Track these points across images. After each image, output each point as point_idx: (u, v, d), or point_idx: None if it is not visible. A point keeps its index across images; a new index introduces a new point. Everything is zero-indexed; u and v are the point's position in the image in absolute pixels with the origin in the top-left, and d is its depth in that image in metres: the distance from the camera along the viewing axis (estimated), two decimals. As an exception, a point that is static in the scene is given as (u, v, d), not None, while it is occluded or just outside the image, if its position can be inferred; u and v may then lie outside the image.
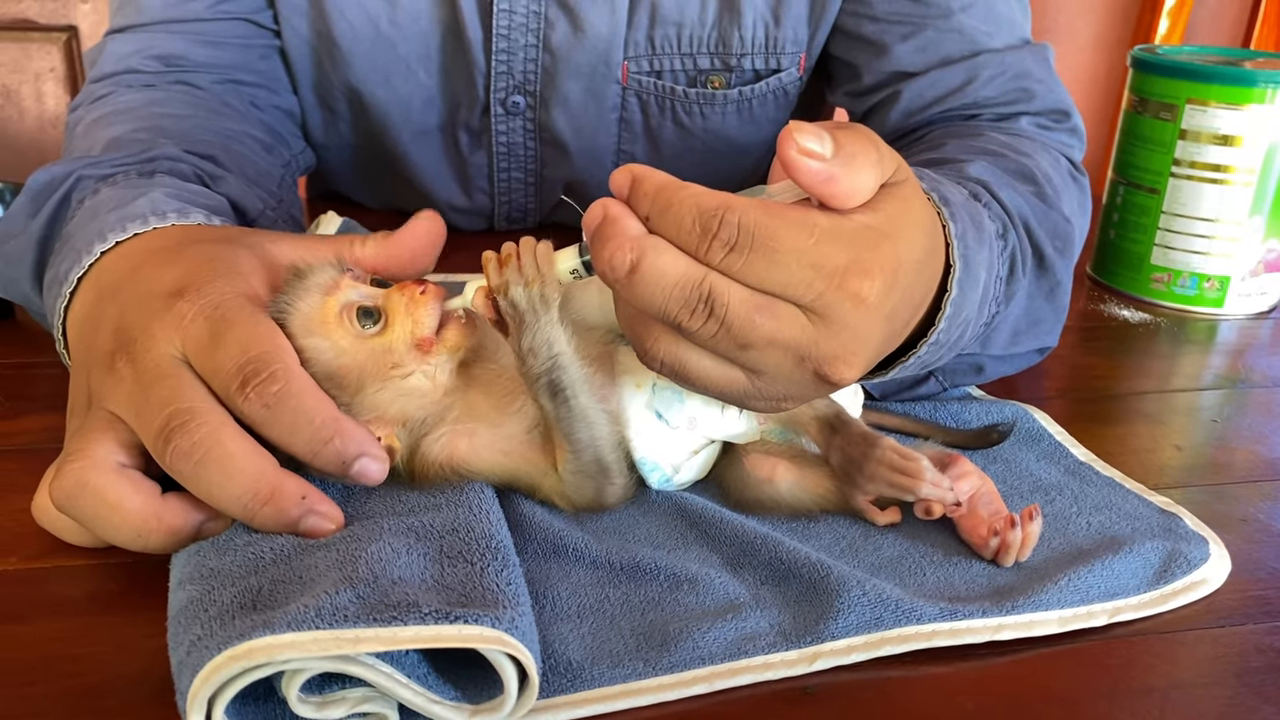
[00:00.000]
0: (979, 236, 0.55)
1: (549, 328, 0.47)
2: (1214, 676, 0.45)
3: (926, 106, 0.80)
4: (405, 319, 0.48)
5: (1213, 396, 0.73)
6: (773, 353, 0.43)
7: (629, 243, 0.42)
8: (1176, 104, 0.86)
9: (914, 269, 0.45)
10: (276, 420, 0.44)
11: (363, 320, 0.48)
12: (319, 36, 0.85)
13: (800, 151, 0.42)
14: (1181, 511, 0.56)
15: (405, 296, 0.48)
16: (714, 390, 0.46)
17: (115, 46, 0.80)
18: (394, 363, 0.48)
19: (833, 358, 0.44)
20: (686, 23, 0.85)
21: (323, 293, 0.48)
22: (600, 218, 0.43)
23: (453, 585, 0.41)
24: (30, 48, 1.67)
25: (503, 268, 0.47)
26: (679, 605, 0.46)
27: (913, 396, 0.65)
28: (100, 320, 0.48)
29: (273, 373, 0.44)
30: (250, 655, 0.36)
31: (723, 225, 0.41)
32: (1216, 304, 0.89)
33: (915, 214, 0.46)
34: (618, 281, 0.42)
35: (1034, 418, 0.64)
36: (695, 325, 0.42)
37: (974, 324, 0.57)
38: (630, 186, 0.43)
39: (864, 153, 0.43)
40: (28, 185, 0.60)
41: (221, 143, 0.69)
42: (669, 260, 0.42)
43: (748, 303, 0.42)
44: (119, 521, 0.44)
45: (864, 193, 0.43)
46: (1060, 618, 0.47)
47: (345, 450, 0.45)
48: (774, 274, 0.42)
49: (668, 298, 0.42)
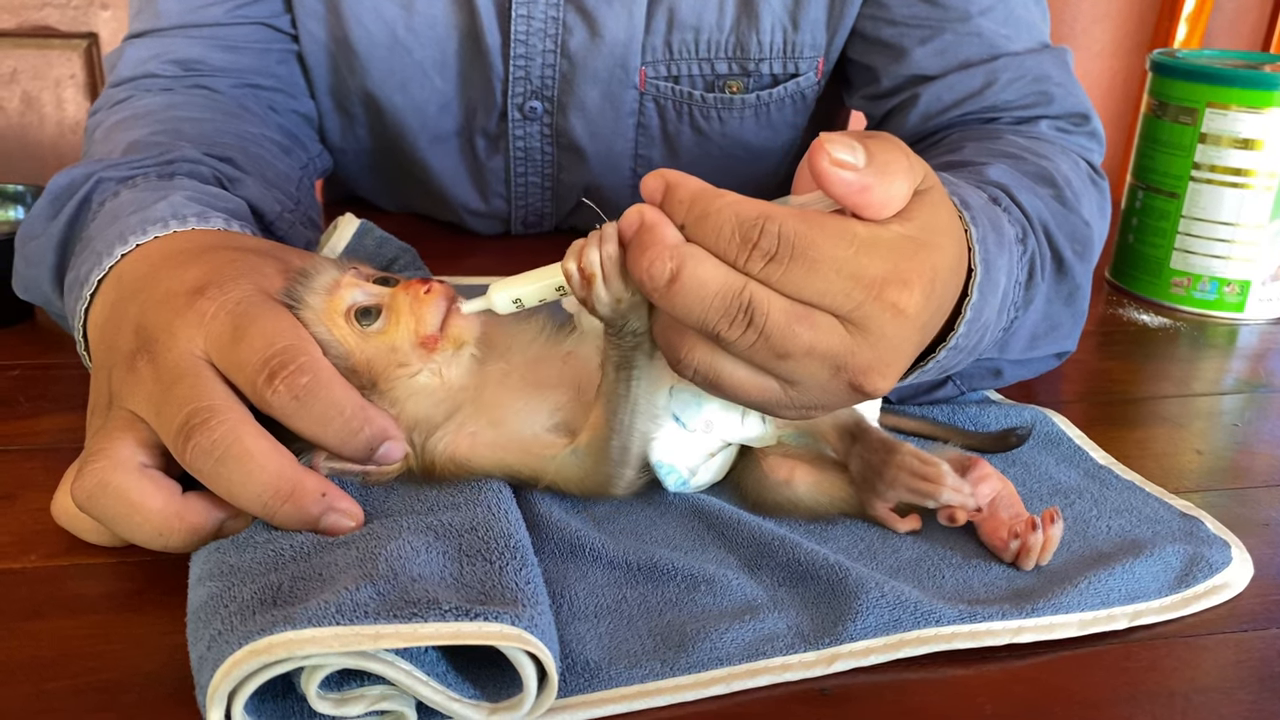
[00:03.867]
0: (999, 241, 0.55)
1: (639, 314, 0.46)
2: (1237, 681, 0.45)
3: (945, 110, 0.80)
4: (409, 317, 0.48)
5: (1233, 401, 0.72)
6: (809, 363, 0.43)
7: (668, 251, 0.41)
8: (1197, 108, 0.86)
9: (947, 278, 0.45)
10: (307, 412, 0.44)
11: (362, 319, 0.48)
12: (336, 42, 0.85)
13: (833, 163, 0.41)
14: (1203, 515, 0.55)
15: (409, 295, 0.49)
16: (746, 399, 0.45)
17: (134, 51, 0.80)
18: (400, 361, 0.48)
19: (868, 368, 0.43)
20: (704, 28, 0.85)
21: (327, 292, 0.48)
22: (637, 224, 0.42)
23: (472, 583, 0.41)
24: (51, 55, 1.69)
25: (588, 284, 0.45)
26: (696, 606, 0.46)
27: (930, 400, 0.65)
28: (121, 321, 0.48)
29: (300, 364, 0.44)
30: (271, 650, 0.36)
31: (763, 235, 0.41)
32: (1237, 309, 0.88)
33: (945, 220, 0.46)
34: (656, 291, 0.42)
35: (1053, 421, 0.64)
36: (734, 335, 0.42)
37: (993, 328, 0.57)
38: (664, 192, 0.43)
39: (896, 161, 0.43)
40: (48, 188, 0.60)
41: (239, 145, 0.69)
42: (709, 270, 0.41)
43: (787, 312, 0.42)
44: (140, 520, 0.44)
45: (898, 202, 0.43)
46: (1080, 621, 0.47)
47: (373, 438, 0.45)
48: (813, 284, 0.41)
49: (708, 308, 0.41)
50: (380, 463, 0.46)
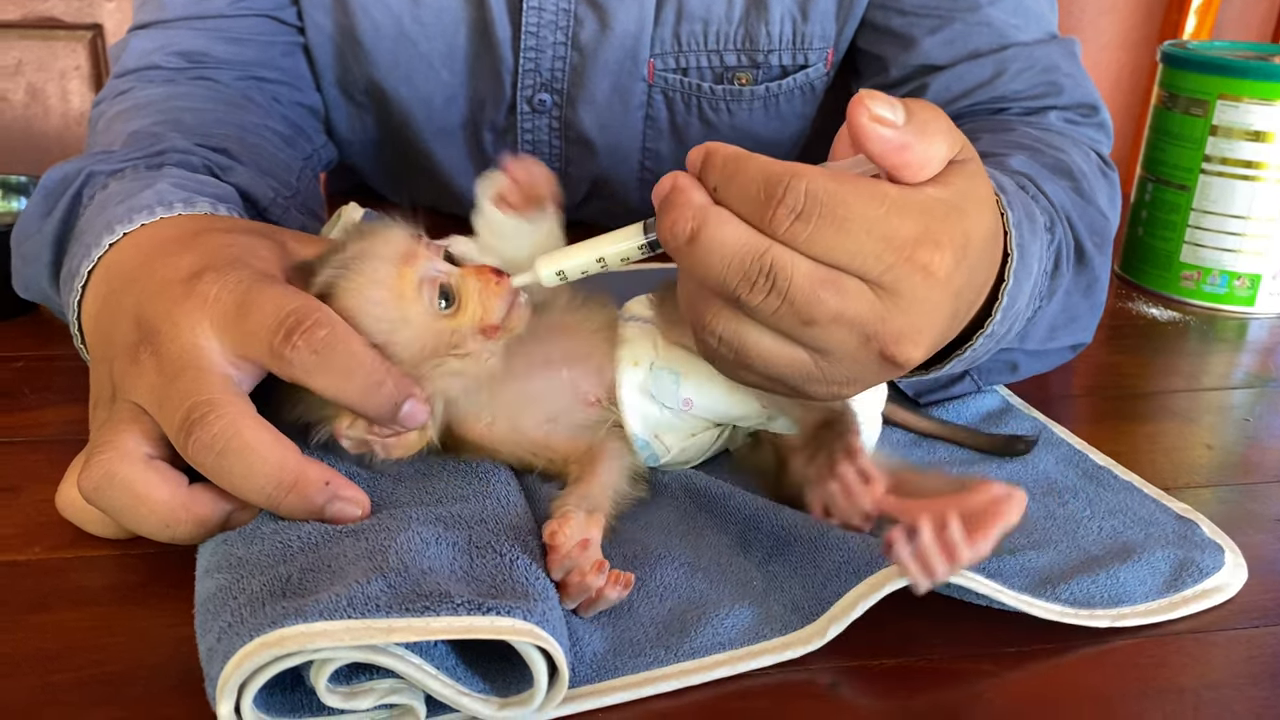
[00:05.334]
0: (1032, 227, 0.54)
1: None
2: (1248, 677, 0.44)
3: (954, 100, 0.80)
4: (477, 305, 0.47)
5: (1244, 395, 0.72)
6: (837, 330, 0.42)
7: (691, 211, 0.41)
8: (1208, 99, 0.85)
9: (981, 247, 0.44)
10: (329, 365, 0.44)
11: (442, 298, 0.47)
12: (342, 33, 0.85)
13: (873, 118, 0.40)
14: (1199, 518, 0.54)
15: (480, 282, 0.48)
16: (774, 371, 0.44)
17: (138, 43, 0.80)
18: (455, 343, 0.47)
19: (900, 335, 0.42)
20: (713, 20, 0.84)
21: (399, 261, 0.47)
22: (669, 188, 0.42)
23: (482, 576, 0.41)
24: (56, 46, 1.69)
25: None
26: (694, 592, 0.46)
27: (946, 397, 0.65)
28: (117, 312, 0.48)
29: (316, 319, 0.44)
30: (282, 643, 0.36)
31: (789, 191, 0.40)
32: (1247, 302, 0.88)
33: (982, 190, 0.44)
34: (678, 249, 0.42)
35: (1054, 431, 0.63)
36: (756, 299, 0.41)
37: (1022, 317, 0.56)
38: (703, 160, 0.42)
39: (935, 122, 0.42)
40: (41, 184, 0.60)
41: (237, 135, 0.69)
42: (731, 230, 0.41)
43: (812, 276, 0.41)
44: (147, 512, 0.44)
45: (936, 163, 0.42)
46: (1062, 611, 0.46)
47: (398, 393, 0.45)
48: (842, 244, 0.40)
49: (727, 267, 0.41)
50: (405, 424, 0.46)
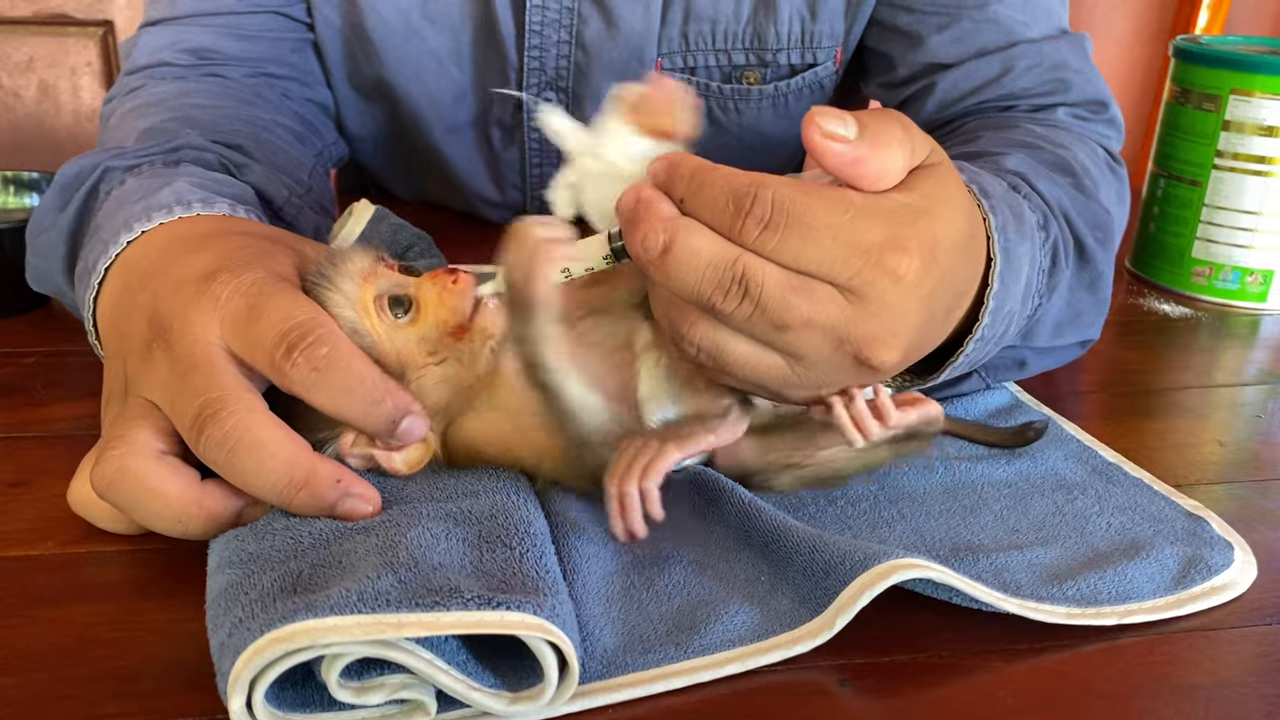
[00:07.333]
0: (1020, 229, 0.54)
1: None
2: (1260, 675, 0.44)
3: (962, 98, 0.79)
4: (438, 308, 0.48)
5: (1256, 392, 0.72)
6: (810, 335, 0.43)
7: (661, 224, 0.42)
8: (1220, 95, 0.85)
9: (953, 249, 0.45)
10: (328, 383, 0.44)
11: (394, 309, 0.48)
12: (351, 28, 0.85)
13: (824, 135, 0.41)
14: (1209, 515, 0.54)
15: (437, 286, 0.48)
16: (753, 377, 0.45)
17: (148, 40, 0.80)
18: (429, 350, 0.48)
19: (872, 339, 0.43)
20: (721, 19, 0.84)
21: (360, 279, 0.48)
22: (634, 201, 0.43)
23: (492, 571, 0.41)
24: (67, 42, 1.69)
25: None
26: (704, 589, 0.46)
27: (955, 394, 0.65)
28: (132, 309, 0.48)
29: (318, 336, 0.44)
30: (293, 638, 0.36)
31: (756, 201, 0.41)
32: (1259, 298, 0.87)
33: (951, 193, 0.45)
34: (651, 263, 0.42)
35: (1063, 427, 0.63)
36: (730, 307, 0.42)
37: (1018, 317, 0.56)
38: (666, 171, 0.43)
39: (888, 132, 0.42)
40: (56, 179, 0.60)
41: (250, 132, 0.69)
42: (702, 240, 0.41)
43: (782, 283, 0.41)
44: (159, 507, 0.44)
45: (893, 173, 0.43)
46: (1068, 613, 0.46)
47: (396, 410, 0.45)
48: (809, 251, 0.41)
49: (700, 278, 0.42)
50: (403, 440, 0.46)
